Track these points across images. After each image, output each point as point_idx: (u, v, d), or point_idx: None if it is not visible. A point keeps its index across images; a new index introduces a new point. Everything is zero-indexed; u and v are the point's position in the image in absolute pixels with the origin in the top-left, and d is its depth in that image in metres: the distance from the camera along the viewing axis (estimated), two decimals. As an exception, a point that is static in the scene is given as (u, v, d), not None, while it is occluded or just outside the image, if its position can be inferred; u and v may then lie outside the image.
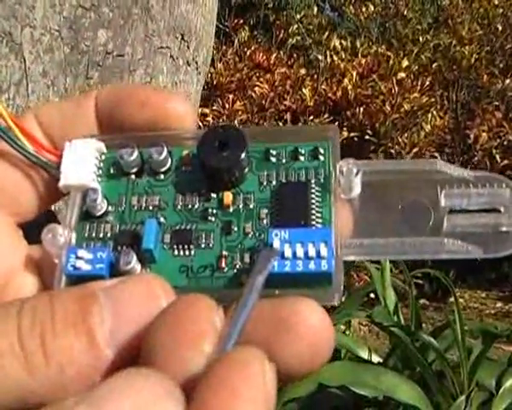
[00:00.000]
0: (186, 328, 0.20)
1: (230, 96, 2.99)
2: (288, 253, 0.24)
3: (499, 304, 2.96)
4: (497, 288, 3.12)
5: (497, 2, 3.53)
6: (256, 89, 3.03)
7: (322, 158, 0.27)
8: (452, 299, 2.01)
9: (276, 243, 0.24)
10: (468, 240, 0.26)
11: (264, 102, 3.01)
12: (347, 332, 1.56)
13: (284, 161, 0.28)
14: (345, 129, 2.90)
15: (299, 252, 0.24)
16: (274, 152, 0.28)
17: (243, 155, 0.27)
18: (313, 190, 0.27)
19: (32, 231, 0.29)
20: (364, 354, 1.32)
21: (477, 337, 1.24)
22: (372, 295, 1.81)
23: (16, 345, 0.20)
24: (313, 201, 0.26)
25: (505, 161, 2.95)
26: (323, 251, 0.24)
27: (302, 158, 0.28)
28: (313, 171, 0.27)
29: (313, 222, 0.26)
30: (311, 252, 0.24)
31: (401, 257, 0.27)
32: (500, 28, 3.46)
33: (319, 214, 0.26)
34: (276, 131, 0.30)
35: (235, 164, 0.27)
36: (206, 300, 0.21)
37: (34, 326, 0.20)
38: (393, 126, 2.98)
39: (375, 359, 1.33)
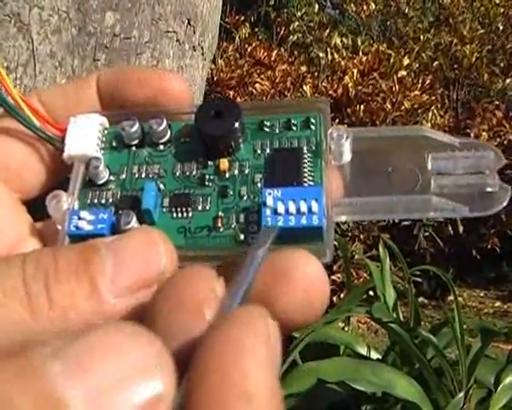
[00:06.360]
0: (187, 294, 0.20)
1: (231, 93, 2.99)
2: (280, 209, 0.25)
3: (498, 303, 2.96)
4: (495, 287, 3.12)
5: (498, 2, 3.53)
6: (257, 85, 3.03)
7: (313, 128, 0.29)
8: (451, 297, 2.01)
9: (270, 201, 0.25)
10: (454, 200, 0.27)
11: (264, 98, 3.01)
12: (346, 329, 1.56)
13: (278, 130, 0.29)
14: (345, 126, 2.89)
15: (292, 208, 0.25)
16: (268, 123, 0.29)
17: (237, 124, 0.28)
18: (305, 156, 0.28)
19: (36, 210, 0.29)
20: (363, 351, 1.32)
21: (476, 335, 1.25)
22: (371, 294, 1.81)
23: (20, 287, 0.20)
24: (305, 165, 0.27)
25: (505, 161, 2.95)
26: (314, 207, 0.25)
27: (294, 128, 0.29)
28: (305, 139, 0.29)
29: (305, 184, 0.27)
30: (303, 208, 0.25)
31: (390, 216, 0.28)
32: (501, 27, 3.46)
33: (311, 177, 0.27)
34: (270, 104, 0.31)
35: (230, 132, 0.28)
36: (207, 269, 0.21)
37: (38, 272, 0.20)
38: (394, 124, 2.98)
39: (374, 355, 1.33)
